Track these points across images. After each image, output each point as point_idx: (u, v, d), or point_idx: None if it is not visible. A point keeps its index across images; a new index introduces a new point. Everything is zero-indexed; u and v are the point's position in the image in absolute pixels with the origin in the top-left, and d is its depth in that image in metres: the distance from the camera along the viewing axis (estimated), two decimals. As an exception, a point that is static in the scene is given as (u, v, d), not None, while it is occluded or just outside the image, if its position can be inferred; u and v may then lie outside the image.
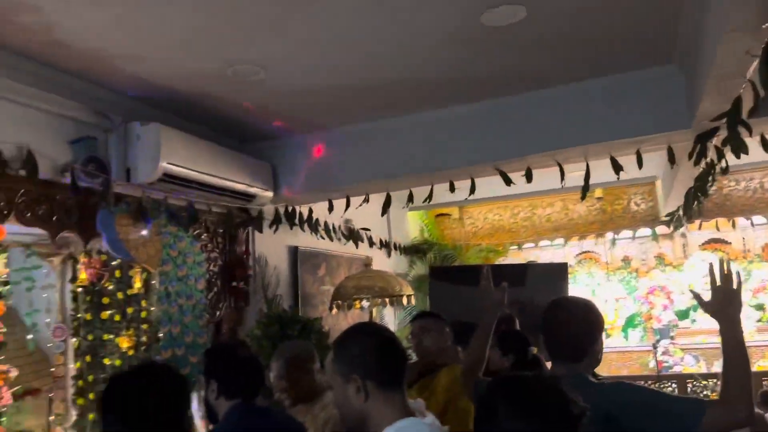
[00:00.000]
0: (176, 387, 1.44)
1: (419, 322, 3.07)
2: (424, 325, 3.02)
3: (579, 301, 1.96)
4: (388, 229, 6.24)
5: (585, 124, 3.47)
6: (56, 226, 2.83)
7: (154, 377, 1.40)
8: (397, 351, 1.48)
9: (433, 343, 2.94)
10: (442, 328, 3.02)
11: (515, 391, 1.26)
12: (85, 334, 4.07)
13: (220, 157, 3.57)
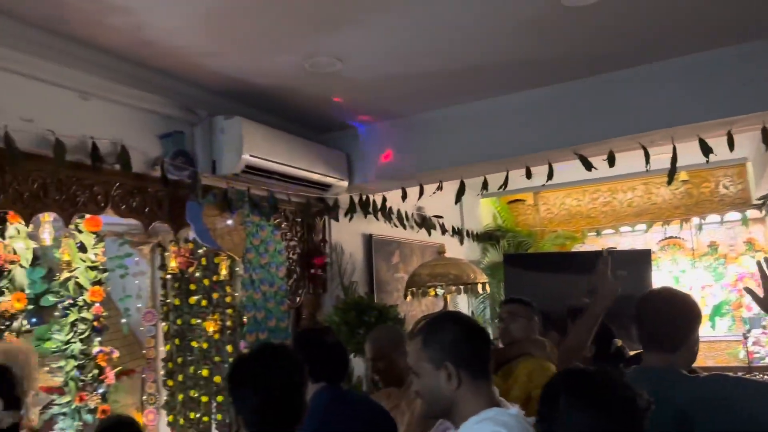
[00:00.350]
0: (295, 363, 1.54)
1: (509, 306, 2.98)
2: (514, 310, 2.93)
3: (677, 291, 1.91)
4: (460, 216, 6.20)
5: (672, 105, 3.30)
6: (149, 217, 2.99)
7: (277, 354, 1.52)
8: (486, 340, 1.51)
9: (520, 329, 2.86)
10: (531, 316, 2.92)
11: (579, 384, 1.24)
12: (174, 318, 4.30)
13: (297, 147, 3.65)
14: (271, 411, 1.44)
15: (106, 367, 3.27)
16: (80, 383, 3.20)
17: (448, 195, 4.19)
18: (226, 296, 4.18)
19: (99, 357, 3.22)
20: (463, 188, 4.03)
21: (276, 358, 1.51)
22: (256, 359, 1.51)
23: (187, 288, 4.25)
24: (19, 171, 2.41)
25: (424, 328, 1.52)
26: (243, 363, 1.53)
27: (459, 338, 1.47)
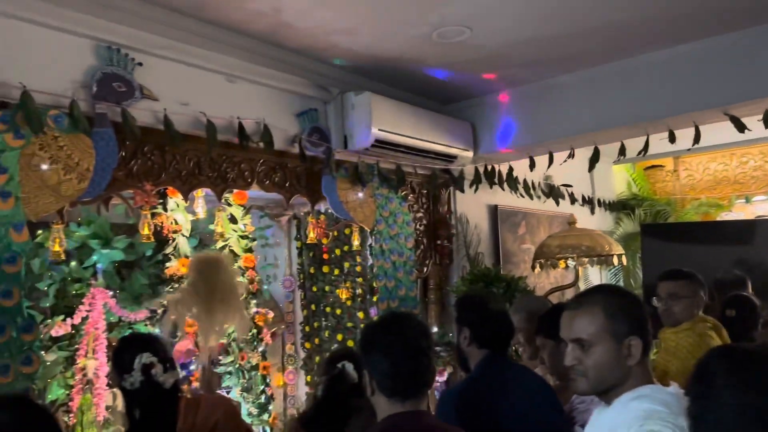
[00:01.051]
0: (422, 329, 1.58)
1: (669, 285, 2.66)
2: (674, 290, 2.63)
3: None
4: (591, 185, 5.93)
5: None
6: (289, 191, 3.18)
7: (403, 321, 1.57)
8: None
9: (684, 310, 2.60)
10: (696, 292, 2.62)
11: (739, 362, 1.12)
12: (310, 285, 4.56)
13: (423, 120, 3.68)
14: (401, 375, 1.48)
15: (263, 327, 3.55)
16: (242, 345, 3.50)
17: (578, 163, 4.03)
18: (356, 266, 4.36)
19: (257, 318, 3.50)
20: (597, 155, 3.85)
21: (403, 325, 1.54)
22: (384, 326, 1.56)
23: (321, 257, 4.48)
24: (178, 151, 2.66)
25: (603, 300, 1.46)
26: (373, 330, 1.58)
27: (644, 313, 1.44)
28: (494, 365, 1.99)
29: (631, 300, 1.48)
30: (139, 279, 3.47)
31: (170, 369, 2.00)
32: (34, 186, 2.15)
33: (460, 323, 2.05)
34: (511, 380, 1.95)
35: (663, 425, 1.28)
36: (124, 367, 1.90)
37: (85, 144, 2.29)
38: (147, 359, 1.92)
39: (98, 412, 3.28)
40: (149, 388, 1.90)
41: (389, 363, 1.49)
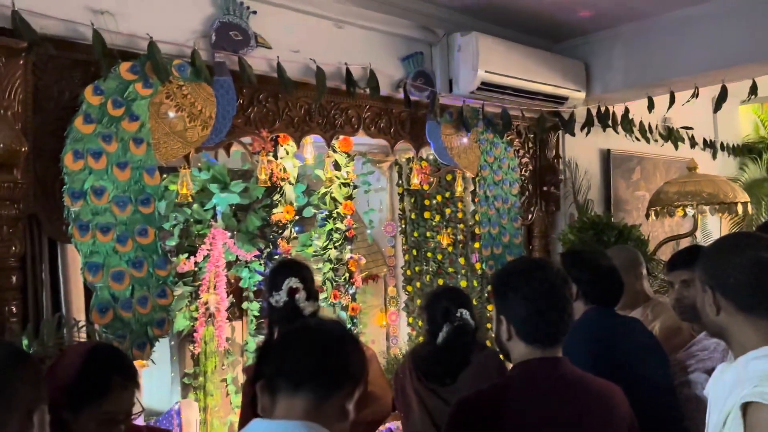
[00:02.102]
0: (562, 275, 1.53)
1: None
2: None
3: None
4: (713, 128, 5.48)
5: None
6: (394, 136, 3.19)
7: (546, 268, 1.52)
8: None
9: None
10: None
11: None
12: (411, 231, 4.62)
13: (531, 59, 3.52)
14: (543, 321, 1.45)
15: (355, 271, 3.68)
16: (334, 284, 3.66)
17: (700, 104, 3.73)
18: (457, 212, 4.35)
19: (350, 263, 3.63)
20: (725, 95, 3.53)
21: (545, 271, 1.50)
22: (525, 271, 1.51)
23: (422, 203, 4.51)
24: (290, 98, 2.73)
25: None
26: (513, 275, 1.52)
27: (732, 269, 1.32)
28: (601, 318, 1.93)
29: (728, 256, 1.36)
30: (253, 221, 3.67)
31: (313, 299, 2.16)
32: (163, 133, 2.30)
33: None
34: (620, 333, 1.90)
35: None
36: (275, 286, 2.10)
37: (207, 92, 2.40)
38: (294, 284, 2.10)
39: (219, 343, 3.57)
40: (291, 310, 2.08)
41: (532, 309, 1.45)
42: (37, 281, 2.12)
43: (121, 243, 2.17)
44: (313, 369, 1.20)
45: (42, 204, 2.11)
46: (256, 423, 1.21)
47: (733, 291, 1.32)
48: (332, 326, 1.30)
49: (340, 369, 1.22)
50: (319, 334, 1.26)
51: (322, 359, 1.22)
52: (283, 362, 1.22)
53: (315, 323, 1.36)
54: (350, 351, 1.26)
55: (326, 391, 1.20)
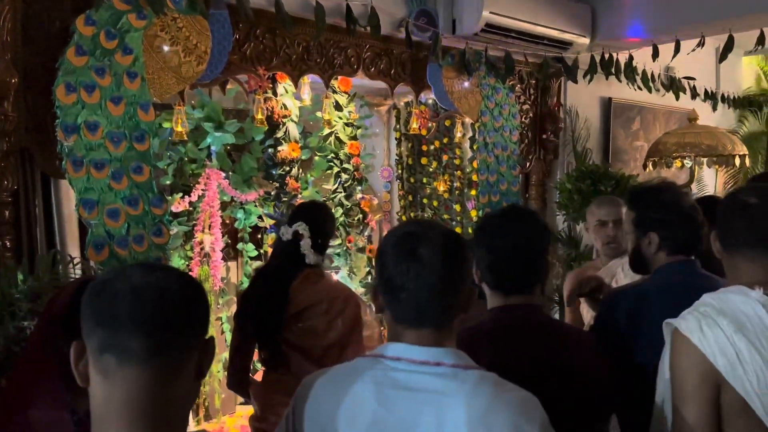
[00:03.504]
0: (534, 228, 1.48)
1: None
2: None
3: None
4: (716, 79, 5.40)
5: None
6: (394, 78, 3.12)
7: (516, 217, 1.50)
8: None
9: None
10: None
11: None
12: (408, 177, 4.59)
13: (537, 1, 3.41)
14: (504, 270, 1.45)
15: (368, 212, 3.66)
16: (348, 229, 3.64)
17: (704, 54, 3.65)
18: (455, 158, 4.32)
19: (362, 203, 3.61)
20: (731, 44, 3.46)
21: (514, 221, 1.48)
22: (493, 221, 1.51)
23: (419, 149, 4.46)
24: (288, 35, 2.64)
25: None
26: (484, 222, 1.55)
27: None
28: (689, 273, 1.67)
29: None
30: (248, 162, 3.62)
31: (318, 250, 2.16)
32: (158, 67, 2.23)
33: (644, 227, 1.71)
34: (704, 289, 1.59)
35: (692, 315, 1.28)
36: (290, 221, 2.18)
37: (202, 26, 2.32)
38: (302, 230, 2.12)
39: (214, 282, 3.59)
40: (293, 249, 2.14)
41: (492, 257, 1.45)
42: (31, 217, 2.10)
43: (116, 180, 2.14)
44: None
45: (34, 138, 2.06)
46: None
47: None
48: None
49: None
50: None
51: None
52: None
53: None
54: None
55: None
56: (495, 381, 1.08)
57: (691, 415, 1.23)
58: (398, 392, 1.07)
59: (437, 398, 1.04)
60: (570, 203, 3.76)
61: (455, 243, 1.14)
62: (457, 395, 1.04)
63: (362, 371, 1.11)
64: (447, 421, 1.03)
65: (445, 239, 1.12)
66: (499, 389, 1.06)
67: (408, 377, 1.07)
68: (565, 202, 3.81)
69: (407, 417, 1.05)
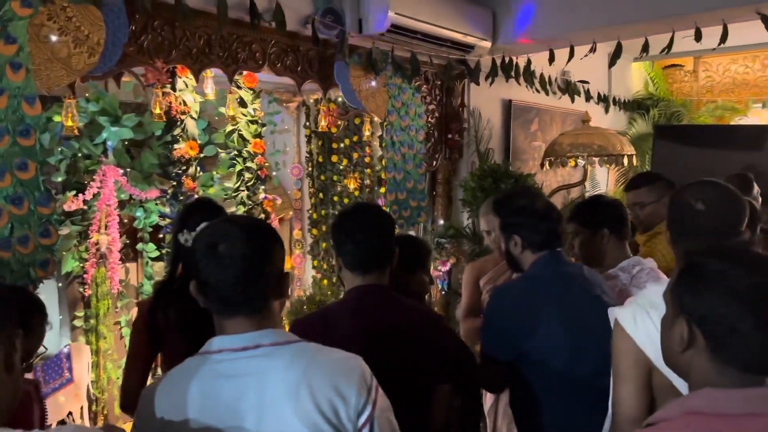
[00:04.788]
0: (384, 217, 1.78)
1: (630, 195, 2.73)
2: (636, 199, 2.68)
3: None
4: (608, 83, 5.78)
5: None
6: (301, 75, 3.09)
7: (369, 209, 1.80)
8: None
9: (650, 216, 2.63)
10: (662, 195, 2.59)
11: (725, 257, 1.05)
12: (318, 174, 4.58)
13: (442, 4, 3.50)
14: (359, 254, 1.69)
15: (271, 212, 3.61)
16: None
17: (597, 59, 3.89)
18: (365, 156, 4.36)
19: (264, 203, 3.55)
20: (620, 50, 3.71)
21: (364, 215, 1.74)
22: (349, 213, 1.77)
23: (330, 147, 4.47)
24: (188, 27, 2.56)
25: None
26: (340, 216, 1.79)
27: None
28: (553, 269, 1.88)
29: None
30: (148, 158, 3.48)
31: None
32: (45, 58, 2.10)
33: (508, 231, 1.93)
34: (572, 277, 1.89)
35: (630, 307, 1.49)
36: (187, 225, 1.97)
37: (95, 16, 2.20)
38: None
39: (112, 285, 3.43)
40: None
41: (353, 246, 1.68)
42: None
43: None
44: None
45: None
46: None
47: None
48: None
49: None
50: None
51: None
52: None
53: None
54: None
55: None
56: (314, 349, 1.18)
57: (625, 391, 1.41)
58: (221, 382, 1.13)
59: (257, 379, 1.12)
60: (474, 200, 3.90)
61: (258, 234, 1.20)
62: (275, 371, 1.12)
63: (190, 370, 1.17)
64: (267, 398, 1.11)
65: (247, 232, 1.18)
66: (318, 355, 1.16)
67: (230, 366, 1.14)
68: (469, 200, 3.94)
69: (230, 403, 1.11)
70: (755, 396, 1.00)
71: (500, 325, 1.88)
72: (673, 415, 1.03)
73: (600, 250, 2.19)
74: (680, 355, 1.08)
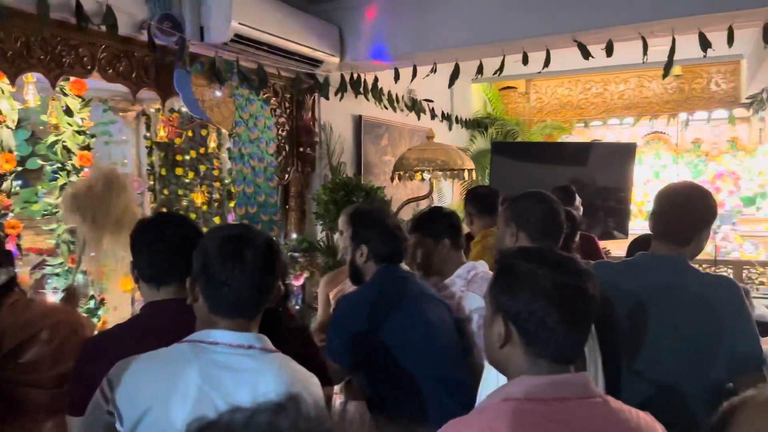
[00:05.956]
0: (188, 226, 1.68)
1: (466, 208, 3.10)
2: (466, 210, 3.07)
3: (698, 187, 1.91)
4: (450, 102, 6.13)
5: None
6: (136, 83, 2.92)
7: (171, 218, 1.77)
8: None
9: (472, 226, 3.02)
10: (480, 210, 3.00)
11: (533, 258, 1.15)
12: (161, 188, 4.33)
13: (288, 18, 3.51)
14: (164, 264, 1.59)
15: None
16: (71, 245, 3.25)
17: (440, 79, 4.12)
18: (213, 169, 4.20)
19: None
20: (458, 71, 3.96)
21: (166, 223, 1.67)
22: (149, 225, 1.67)
23: (174, 159, 4.25)
24: (3, 27, 2.31)
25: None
26: (140, 225, 1.69)
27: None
28: (392, 276, 2.02)
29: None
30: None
31: (5, 264, 1.87)
32: None
33: (357, 240, 2.04)
34: (415, 290, 2.01)
35: None
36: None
37: None
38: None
39: None
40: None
41: (151, 256, 1.60)
42: None
43: None
44: None
45: None
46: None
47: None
48: None
49: None
50: None
51: None
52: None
53: None
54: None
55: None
56: (290, 359, 1.34)
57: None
58: (220, 371, 1.25)
59: (252, 375, 1.25)
60: (327, 213, 3.92)
61: (273, 248, 1.35)
62: (269, 371, 1.27)
63: (185, 354, 1.27)
64: (260, 393, 1.16)
65: (267, 244, 1.32)
66: (296, 365, 1.33)
67: (227, 359, 1.27)
68: (322, 213, 3.96)
69: (228, 391, 1.23)
70: (562, 382, 1.10)
71: (346, 331, 1.93)
72: (492, 403, 1.10)
73: (441, 260, 2.32)
74: (499, 351, 1.16)
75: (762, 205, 7.42)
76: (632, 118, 7.10)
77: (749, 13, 3.14)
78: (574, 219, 3.18)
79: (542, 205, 1.89)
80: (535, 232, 1.84)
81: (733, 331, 1.70)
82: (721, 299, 1.74)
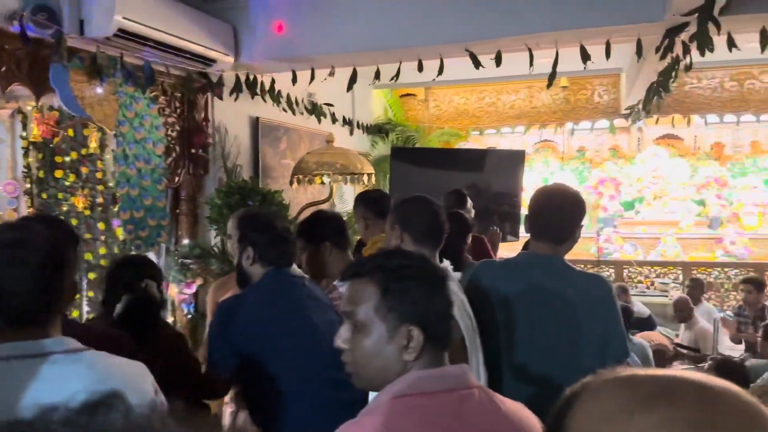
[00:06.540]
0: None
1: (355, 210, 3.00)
2: (357, 216, 2.94)
3: (568, 188, 2.05)
4: (351, 107, 6.15)
5: (559, 10, 3.40)
6: (6, 78, 2.70)
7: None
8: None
9: (363, 231, 2.91)
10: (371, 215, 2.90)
11: (393, 260, 1.17)
12: (39, 192, 4.02)
13: (178, 14, 3.38)
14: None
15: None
16: None
17: (341, 83, 4.12)
18: (96, 171, 3.95)
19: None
20: (355, 76, 3.97)
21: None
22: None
23: (53, 160, 3.95)
24: None
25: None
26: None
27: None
28: (277, 279, 1.98)
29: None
30: None
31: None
32: None
33: (244, 243, 2.00)
34: (300, 293, 1.99)
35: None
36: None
37: None
38: None
39: None
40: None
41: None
42: None
43: None
44: None
45: None
46: None
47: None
48: None
49: None
50: None
51: None
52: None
53: None
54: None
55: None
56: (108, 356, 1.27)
57: None
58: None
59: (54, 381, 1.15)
60: (221, 218, 3.79)
61: (27, 245, 1.19)
62: (75, 372, 1.17)
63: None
64: (68, 395, 1.08)
65: (16, 242, 1.18)
66: (115, 360, 1.27)
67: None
68: (216, 217, 3.82)
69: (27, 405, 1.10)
70: (451, 373, 1.12)
71: (224, 337, 1.88)
72: (381, 402, 1.09)
73: (324, 262, 2.34)
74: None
75: (640, 209, 8.04)
76: (523, 126, 7.46)
77: (625, 28, 3.39)
78: (465, 221, 3.28)
79: (424, 208, 1.93)
80: (417, 233, 1.89)
81: (606, 327, 1.82)
82: (595, 296, 1.85)
